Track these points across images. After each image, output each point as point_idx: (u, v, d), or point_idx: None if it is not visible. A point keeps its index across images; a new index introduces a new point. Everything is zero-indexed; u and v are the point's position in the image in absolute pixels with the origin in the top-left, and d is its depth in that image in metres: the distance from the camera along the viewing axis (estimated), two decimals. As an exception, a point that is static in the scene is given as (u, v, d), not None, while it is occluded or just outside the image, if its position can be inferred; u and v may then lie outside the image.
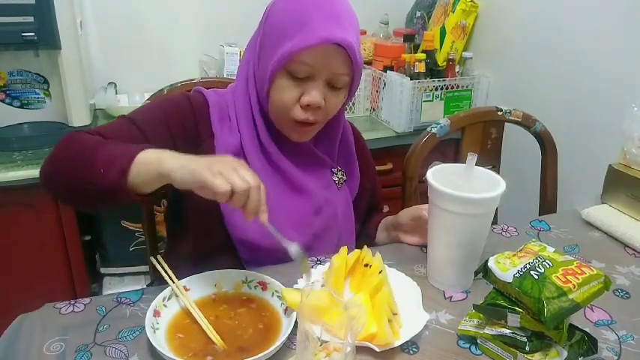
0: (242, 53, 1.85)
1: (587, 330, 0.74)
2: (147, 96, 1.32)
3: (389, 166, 1.85)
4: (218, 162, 0.73)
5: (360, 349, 0.71)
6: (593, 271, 0.70)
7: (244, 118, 0.94)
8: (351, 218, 1.07)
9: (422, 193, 1.12)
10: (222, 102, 0.96)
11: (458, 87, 1.90)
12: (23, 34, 1.43)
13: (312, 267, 0.90)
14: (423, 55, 1.85)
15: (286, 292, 0.78)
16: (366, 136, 1.18)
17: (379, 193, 1.20)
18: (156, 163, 0.74)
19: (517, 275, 0.69)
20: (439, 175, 0.84)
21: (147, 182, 0.75)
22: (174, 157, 0.75)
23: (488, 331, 0.73)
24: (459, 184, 0.84)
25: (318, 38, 0.82)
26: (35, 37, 1.44)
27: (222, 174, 0.70)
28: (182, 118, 0.92)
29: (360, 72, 0.91)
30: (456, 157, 1.49)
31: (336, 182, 1.03)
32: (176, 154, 0.76)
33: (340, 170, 1.04)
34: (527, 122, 1.35)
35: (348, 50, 0.85)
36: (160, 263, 0.84)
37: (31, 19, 1.43)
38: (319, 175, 1.01)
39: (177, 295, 0.80)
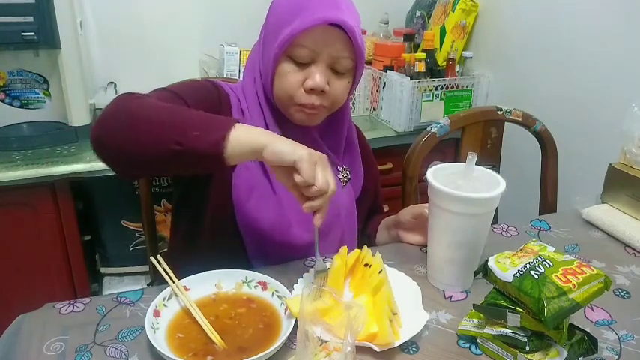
0: (242, 53, 1.85)
1: (588, 329, 0.74)
2: (147, 96, 1.32)
3: (389, 165, 1.85)
4: (316, 153, 0.75)
5: (360, 349, 0.71)
6: (593, 270, 0.69)
7: (255, 114, 0.95)
8: (354, 218, 1.07)
9: (422, 193, 1.12)
10: (235, 96, 0.97)
11: (458, 87, 1.90)
12: (23, 34, 1.43)
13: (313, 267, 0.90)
14: (423, 55, 1.85)
15: (291, 302, 0.76)
16: (366, 135, 1.18)
17: (380, 194, 1.20)
18: (251, 135, 0.74)
19: (517, 275, 0.69)
20: (439, 175, 0.84)
21: (238, 153, 0.73)
22: (268, 132, 0.77)
23: (489, 330, 0.73)
24: (459, 184, 0.84)
25: (316, 19, 0.83)
26: (35, 37, 1.44)
27: (317, 165, 0.73)
28: (210, 104, 0.92)
29: (363, 56, 0.91)
30: (456, 157, 1.49)
31: (341, 181, 1.03)
32: (267, 131, 0.78)
33: (345, 169, 1.04)
34: (527, 122, 1.35)
35: (348, 32, 0.85)
36: (160, 263, 0.84)
37: (31, 19, 1.43)
38: None
39: (177, 295, 0.80)
